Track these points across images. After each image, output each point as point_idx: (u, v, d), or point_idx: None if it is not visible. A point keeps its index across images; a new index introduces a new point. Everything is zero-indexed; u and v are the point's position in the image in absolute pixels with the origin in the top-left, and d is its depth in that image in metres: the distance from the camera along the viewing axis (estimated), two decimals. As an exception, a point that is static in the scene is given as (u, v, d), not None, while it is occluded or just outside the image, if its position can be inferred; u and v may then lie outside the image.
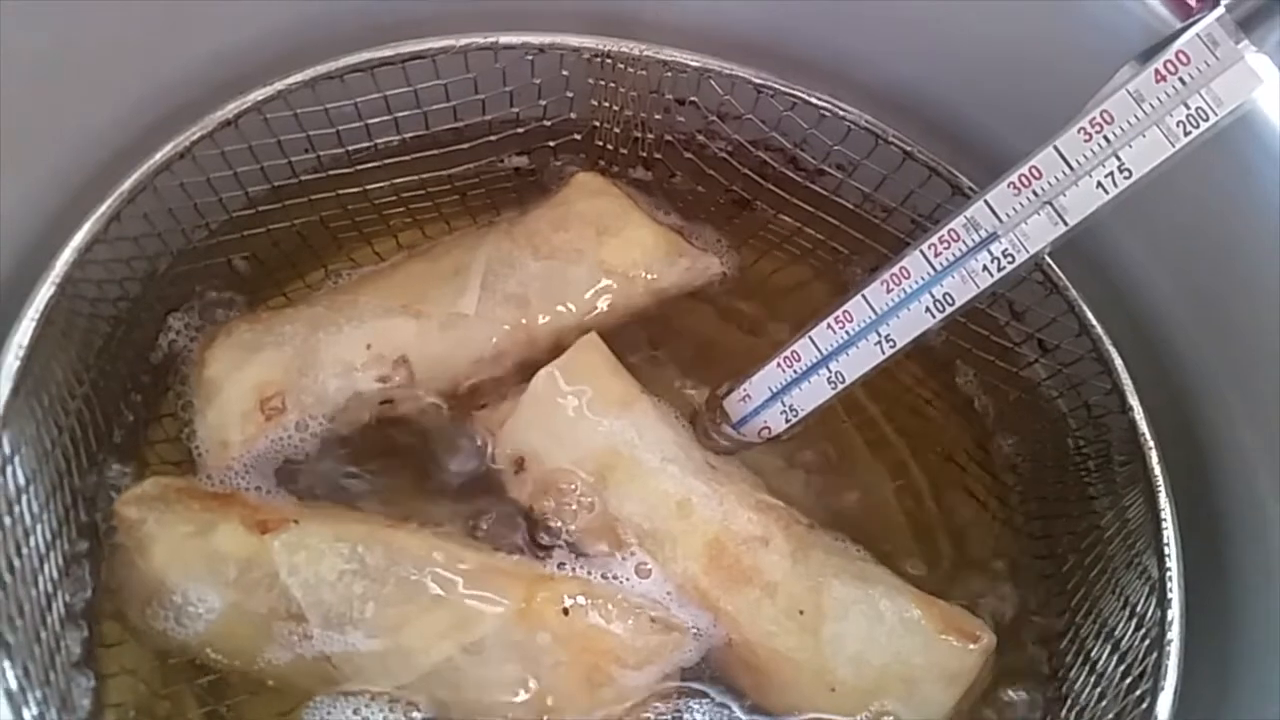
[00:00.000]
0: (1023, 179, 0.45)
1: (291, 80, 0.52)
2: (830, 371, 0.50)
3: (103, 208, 0.47)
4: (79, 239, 0.46)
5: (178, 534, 0.45)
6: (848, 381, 0.50)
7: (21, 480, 0.42)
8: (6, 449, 0.41)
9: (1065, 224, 0.44)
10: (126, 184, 0.48)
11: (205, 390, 0.50)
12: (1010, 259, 0.46)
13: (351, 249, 0.59)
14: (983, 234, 0.46)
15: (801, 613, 0.46)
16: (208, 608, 0.45)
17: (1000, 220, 0.46)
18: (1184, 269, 0.49)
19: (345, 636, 0.44)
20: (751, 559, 0.47)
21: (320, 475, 0.50)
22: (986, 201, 0.46)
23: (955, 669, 0.45)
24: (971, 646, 0.45)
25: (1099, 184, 0.43)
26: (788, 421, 0.52)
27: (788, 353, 0.51)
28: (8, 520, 0.41)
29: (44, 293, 0.44)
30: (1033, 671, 0.48)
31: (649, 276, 0.56)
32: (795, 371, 0.51)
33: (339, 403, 0.51)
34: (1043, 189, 0.44)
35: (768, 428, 0.52)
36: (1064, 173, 0.44)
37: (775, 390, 0.52)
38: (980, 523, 0.53)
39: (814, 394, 0.51)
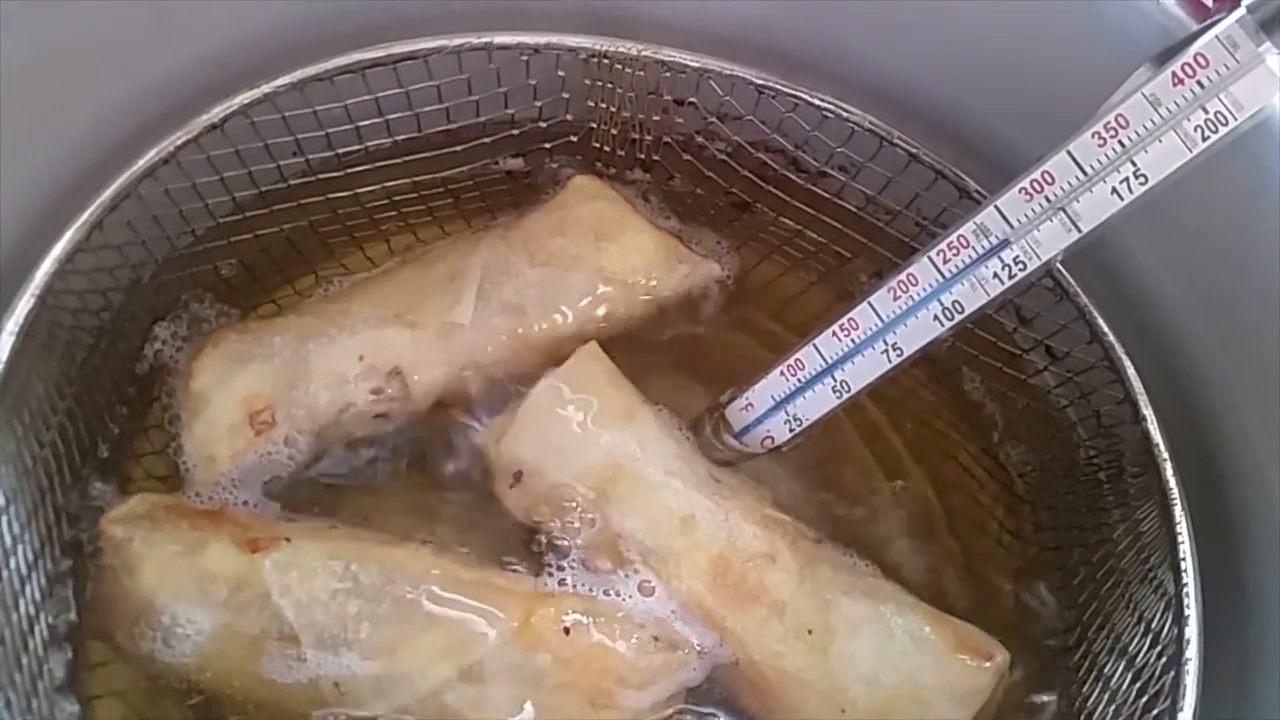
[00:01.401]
0: (1035, 184, 0.44)
1: (279, 83, 0.50)
2: (835, 380, 0.49)
3: (84, 216, 0.45)
4: (60, 248, 0.44)
5: (166, 553, 0.44)
6: (853, 391, 0.49)
7: (1, 500, 0.40)
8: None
9: (1079, 231, 0.43)
10: (109, 191, 0.46)
11: (192, 403, 0.48)
12: (1022, 266, 0.45)
13: (342, 254, 0.58)
14: (993, 240, 0.45)
15: (810, 632, 0.45)
16: (197, 629, 0.43)
17: (1011, 226, 0.44)
18: (1197, 275, 0.48)
19: (339, 658, 0.42)
20: (757, 576, 0.46)
21: (312, 490, 0.49)
22: (997, 207, 0.45)
23: (969, 688, 0.44)
24: (985, 665, 0.44)
25: (1114, 190, 0.42)
26: (791, 431, 0.51)
27: (791, 361, 0.50)
28: (-12, 543, 0.39)
29: (24, 305, 0.43)
30: (1045, 690, 0.47)
31: (648, 283, 0.55)
32: (799, 380, 0.50)
33: (331, 416, 0.49)
34: (1055, 195, 0.43)
35: (771, 437, 0.51)
36: (1078, 178, 0.43)
37: (778, 399, 0.51)
38: (990, 535, 0.52)
39: (818, 403, 0.50)
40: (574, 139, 0.59)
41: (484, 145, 0.58)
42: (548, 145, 0.59)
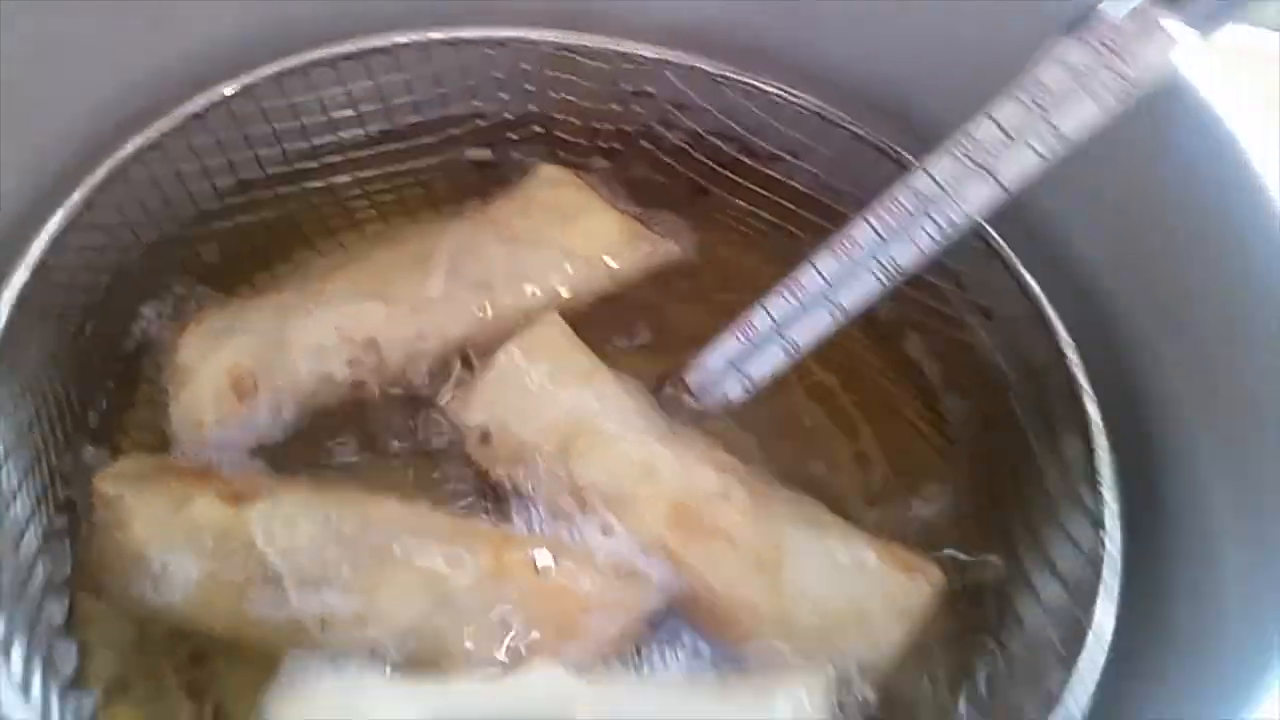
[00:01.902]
0: (962, 148, 0.47)
1: (257, 75, 0.54)
2: (785, 340, 0.53)
3: (75, 196, 0.48)
4: (54, 224, 0.47)
5: (156, 508, 0.46)
6: (802, 349, 0.53)
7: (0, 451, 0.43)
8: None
9: (1004, 189, 0.47)
10: (100, 172, 0.49)
11: (179, 375, 0.51)
12: (952, 224, 0.48)
13: (318, 243, 0.61)
14: (925, 202, 0.48)
15: (761, 562, 0.48)
16: (186, 578, 0.46)
17: (942, 188, 0.48)
18: (1115, 231, 0.52)
19: (321, 597, 0.45)
20: (712, 515, 0.49)
21: (293, 453, 0.51)
22: (928, 171, 0.48)
23: (908, 606, 0.47)
24: (923, 584, 0.47)
25: (1034, 150, 0.46)
26: (745, 390, 0.54)
27: (744, 323, 0.53)
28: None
29: (19, 276, 0.46)
30: (982, 603, 0.49)
31: (610, 260, 0.58)
32: (751, 342, 0.53)
33: (310, 384, 0.52)
34: (981, 157, 0.47)
35: (726, 396, 0.54)
36: (1001, 140, 0.46)
37: (733, 360, 0.54)
38: (930, 472, 0.54)
39: (770, 362, 0.53)
40: (539, 129, 0.63)
41: (452, 137, 0.62)
42: (514, 136, 0.63)
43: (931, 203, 0.48)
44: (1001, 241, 0.53)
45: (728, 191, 0.62)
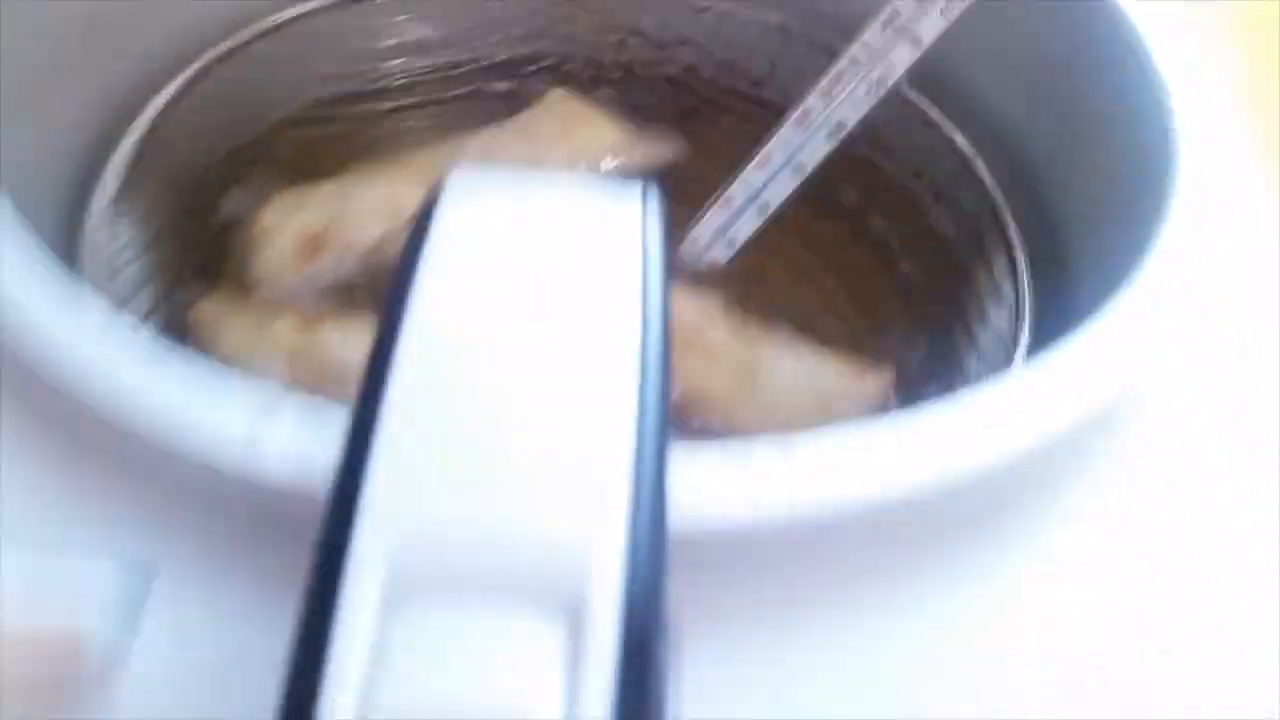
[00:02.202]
0: (887, 19, 0.58)
1: (305, 7, 0.66)
2: (759, 202, 0.63)
3: (172, 85, 0.60)
4: (160, 100, 0.59)
5: (242, 330, 0.57)
6: (772, 208, 0.63)
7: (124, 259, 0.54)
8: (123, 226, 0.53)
9: (921, 47, 0.58)
10: (184, 76, 0.61)
11: (260, 238, 0.62)
12: (883, 83, 0.59)
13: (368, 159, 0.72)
14: (863, 68, 0.59)
15: (740, 368, 0.57)
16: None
17: (874, 52, 0.59)
18: (1020, 80, 0.63)
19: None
20: (697, 335, 0.58)
21: (355, 299, 0.62)
22: (865, 42, 0.59)
23: (865, 400, 0.57)
24: (878, 380, 0.57)
25: (941, 10, 0.57)
26: (729, 251, 0.64)
27: (725, 196, 0.64)
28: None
29: (134, 134, 0.57)
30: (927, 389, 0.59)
31: (613, 159, 0.69)
32: (732, 209, 0.64)
33: (368, 245, 0.63)
34: (902, 24, 0.58)
35: (714, 258, 0.65)
36: (916, 6, 0.57)
37: (718, 228, 0.64)
38: (883, 309, 0.64)
39: (749, 224, 0.64)
40: (549, 63, 0.74)
41: (479, 70, 0.74)
42: (531, 69, 0.74)
43: (866, 67, 0.59)
44: (937, 110, 0.63)
45: (714, 109, 0.73)
